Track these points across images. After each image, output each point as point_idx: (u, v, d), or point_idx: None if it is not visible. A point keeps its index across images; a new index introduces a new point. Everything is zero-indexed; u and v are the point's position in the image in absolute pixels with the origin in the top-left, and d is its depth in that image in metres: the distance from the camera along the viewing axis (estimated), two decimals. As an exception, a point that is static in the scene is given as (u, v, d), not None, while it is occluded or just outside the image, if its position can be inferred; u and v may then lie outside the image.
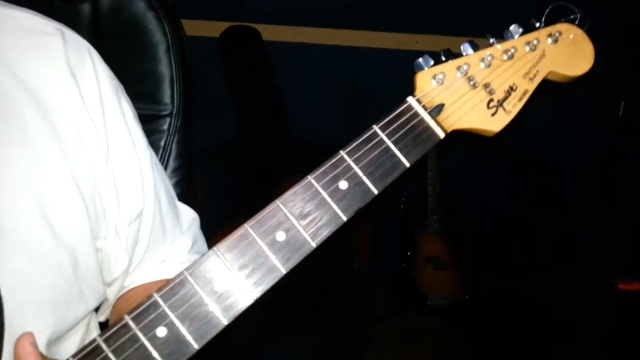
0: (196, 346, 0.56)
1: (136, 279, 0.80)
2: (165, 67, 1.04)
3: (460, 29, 1.86)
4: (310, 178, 0.61)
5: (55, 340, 0.68)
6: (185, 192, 1.07)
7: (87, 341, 0.60)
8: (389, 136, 0.63)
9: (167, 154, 1.06)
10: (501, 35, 0.70)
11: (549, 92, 0.72)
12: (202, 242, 0.88)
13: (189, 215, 0.87)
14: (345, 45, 2.41)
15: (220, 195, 2.19)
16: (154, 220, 0.79)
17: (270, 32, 2.34)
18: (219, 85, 2.23)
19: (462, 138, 0.70)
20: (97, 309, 0.81)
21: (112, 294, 0.81)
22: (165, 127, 1.05)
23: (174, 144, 1.06)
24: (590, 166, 2.50)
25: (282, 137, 2.27)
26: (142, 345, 0.55)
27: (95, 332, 0.80)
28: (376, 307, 2.42)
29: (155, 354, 0.55)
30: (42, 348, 0.66)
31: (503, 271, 2.59)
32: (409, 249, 2.39)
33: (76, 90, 0.72)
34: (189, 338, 0.56)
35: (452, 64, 0.68)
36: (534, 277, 2.53)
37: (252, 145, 2.24)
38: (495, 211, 2.60)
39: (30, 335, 0.57)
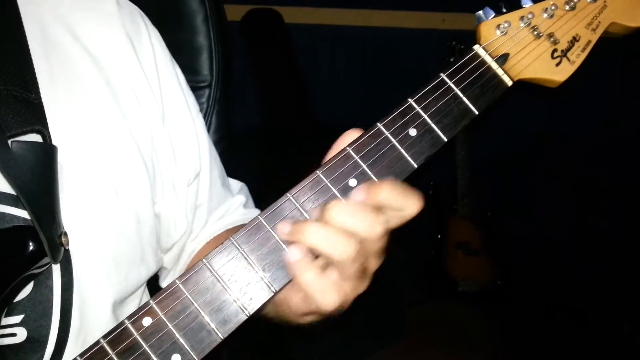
0: (274, 290, 0.56)
1: (202, 240, 0.80)
2: (203, 37, 1.02)
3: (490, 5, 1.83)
4: (379, 125, 0.60)
5: (119, 302, 0.69)
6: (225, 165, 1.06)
7: None
8: (456, 84, 0.62)
9: (207, 126, 1.03)
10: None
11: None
12: (252, 203, 0.88)
13: (237, 182, 0.89)
14: (369, 25, 2.36)
15: (245, 181, 2.19)
16: (213, 180, 0.79)
17: (292, 14, 2.30)
18: (240, 70, 2.22)
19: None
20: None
21: (170, 259, 0.81)
22: (204, 99, 1.03)
23: (213, 116, 1.04)
24: (628, 144, 2.43)
25: (306, 120, 2.26)
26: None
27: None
28: (407, 293, 2.41)
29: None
30: (108, 310, 0.66)
31: (537, 256, 2.56)
32: (439, 234, 2.37)
33: (133, 52, 0.72)
34: (266, 281, 0.56)
35: (516, 14, 0.67)
36: (569, 262, 2.49)
37: (277, 129, 2.23)
38: (527, 194, 2.56)
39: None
